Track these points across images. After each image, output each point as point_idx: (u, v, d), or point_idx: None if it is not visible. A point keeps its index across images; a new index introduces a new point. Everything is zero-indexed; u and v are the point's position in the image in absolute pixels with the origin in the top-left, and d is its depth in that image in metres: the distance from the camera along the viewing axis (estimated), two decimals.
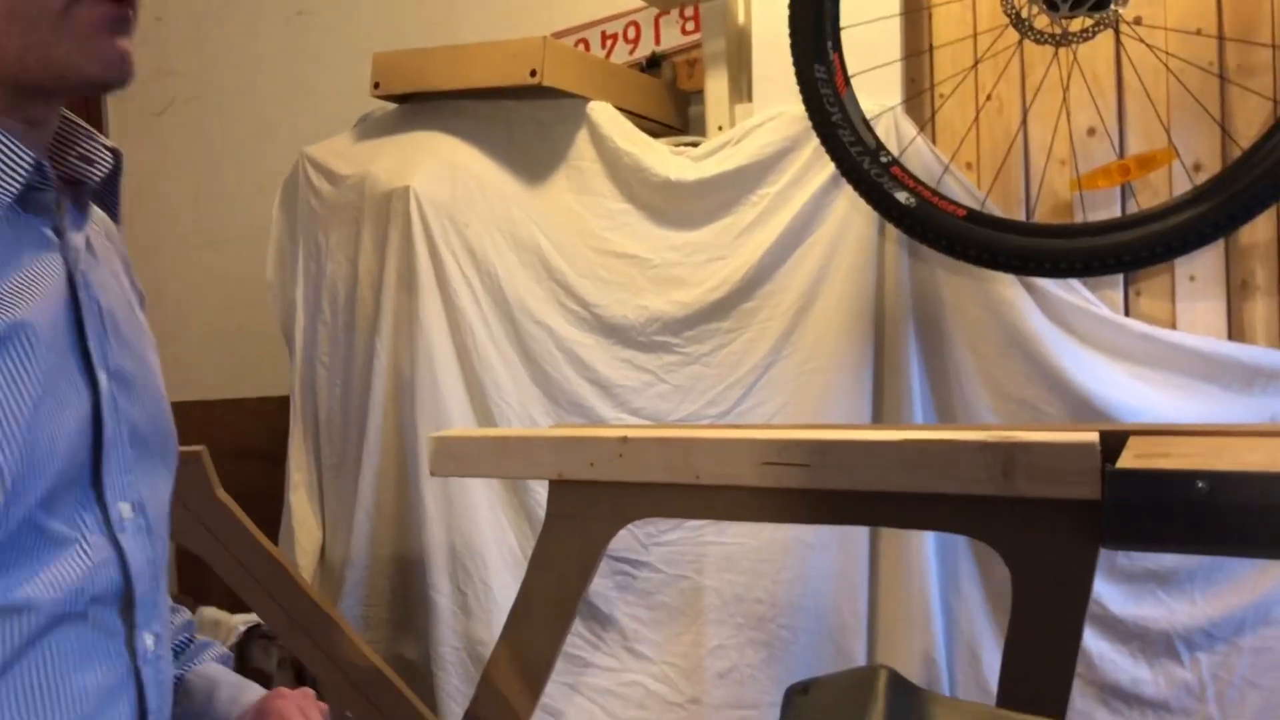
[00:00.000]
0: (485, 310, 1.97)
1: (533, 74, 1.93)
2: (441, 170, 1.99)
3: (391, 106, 2.17)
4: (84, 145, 0.83)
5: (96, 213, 0.88)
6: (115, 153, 0.84)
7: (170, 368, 2.93)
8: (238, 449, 2.67)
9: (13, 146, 0.71)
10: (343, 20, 2.74)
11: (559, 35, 2.43)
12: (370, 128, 2.17)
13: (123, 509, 0.77)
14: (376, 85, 2.09)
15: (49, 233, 0.76)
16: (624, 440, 1.13)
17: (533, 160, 2.04)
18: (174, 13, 3.02)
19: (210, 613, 2.13)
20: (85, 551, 0.74)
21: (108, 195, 0.86)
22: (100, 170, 0.82)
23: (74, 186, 0.81)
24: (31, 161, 0.72)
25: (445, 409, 1.94)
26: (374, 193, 2.02)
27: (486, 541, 1.92)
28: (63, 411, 0.72)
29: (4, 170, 0.71)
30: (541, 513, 1.31)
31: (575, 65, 2.03)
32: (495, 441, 1.25)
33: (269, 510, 2.12)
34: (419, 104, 2.12)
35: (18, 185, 0.72)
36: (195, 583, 2.59)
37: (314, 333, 2.16)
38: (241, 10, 2.91)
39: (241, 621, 2.07)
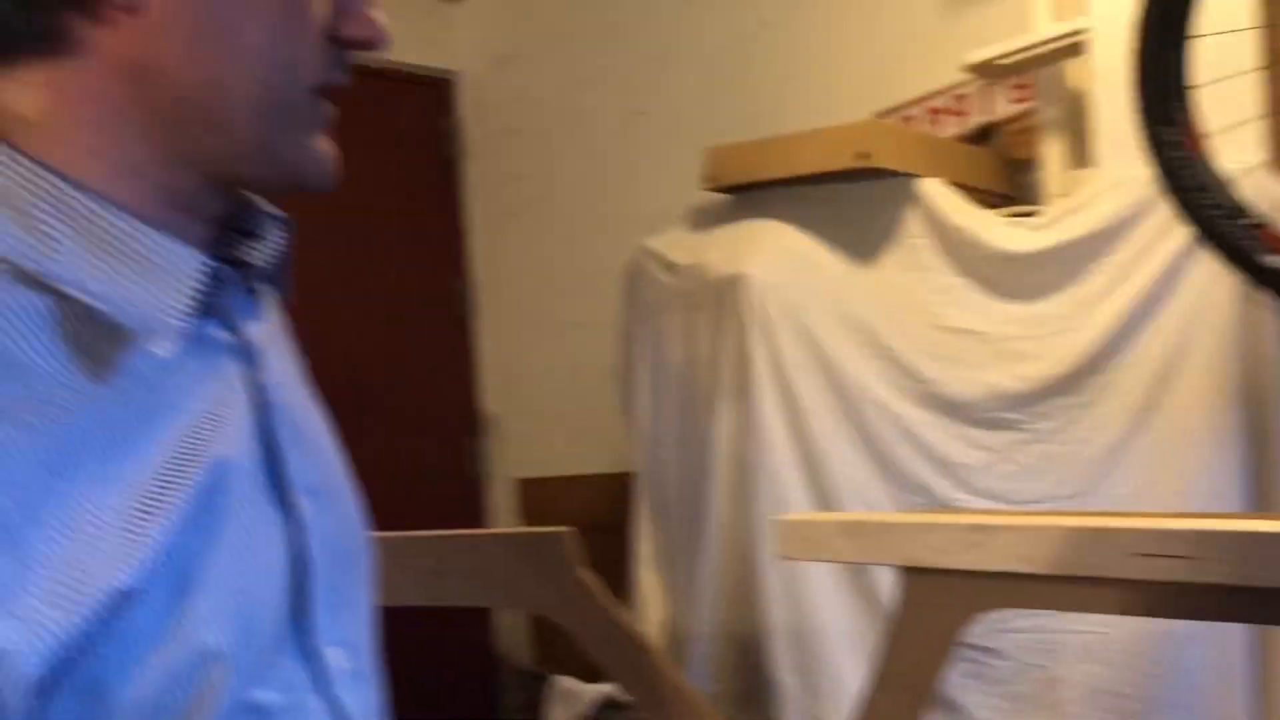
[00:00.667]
0: (820, 390, 2.00)
1: (862, 156, 1.95)
2: (774, 256, 2.05)
3: (724, 197, 2.26)
4: (250, 221, 0.66)
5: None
6: (286, 222, 0.66)
7: (524, 446, 3.15)
8: (584, 522, 2.82)
9: (183, 254, 0.57)
10: (675, 117, 2.90)
11: (885, 114, 2.45)
12: (705, 218, 2.27)
13: (335, 656, 0.63)
14: (710, 178, 2.20)
15: (224, 334, 0.61)
16: (977, 528, 1.11)
17: (864, 240, 2.06)
18: (524, 124, 3.31)
19: (566, 683, 2.26)
20: (302, 717, 0.60)
21: (278, 272, 0.68)
22: (271, 247, 0.65)
23: (240, 268, 0.65)
24: (206, 270, 0.57)
25: (783, 489, 1.97)
26: (710, 281, 2.11)
27: (828, 622, 1.92)
28: (264, 558, 0.59)
29: (177, 286, 0.56)
30: (884, 594, 1.31)
31: (903, 144, 2.04)
32: (845, 526, 1.27)
33: (614, 581, 2.23)
34: (750, 193, 2.20)
35: (190, 300, 0.57)
36: (550, 654, 2.76)
37: (655, 414, 2.27)
38: (583, 116, 3.14)
39: (596, 692, 2.18)
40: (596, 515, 2.91)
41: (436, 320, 3.43)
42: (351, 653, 0.64)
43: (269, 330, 0.69)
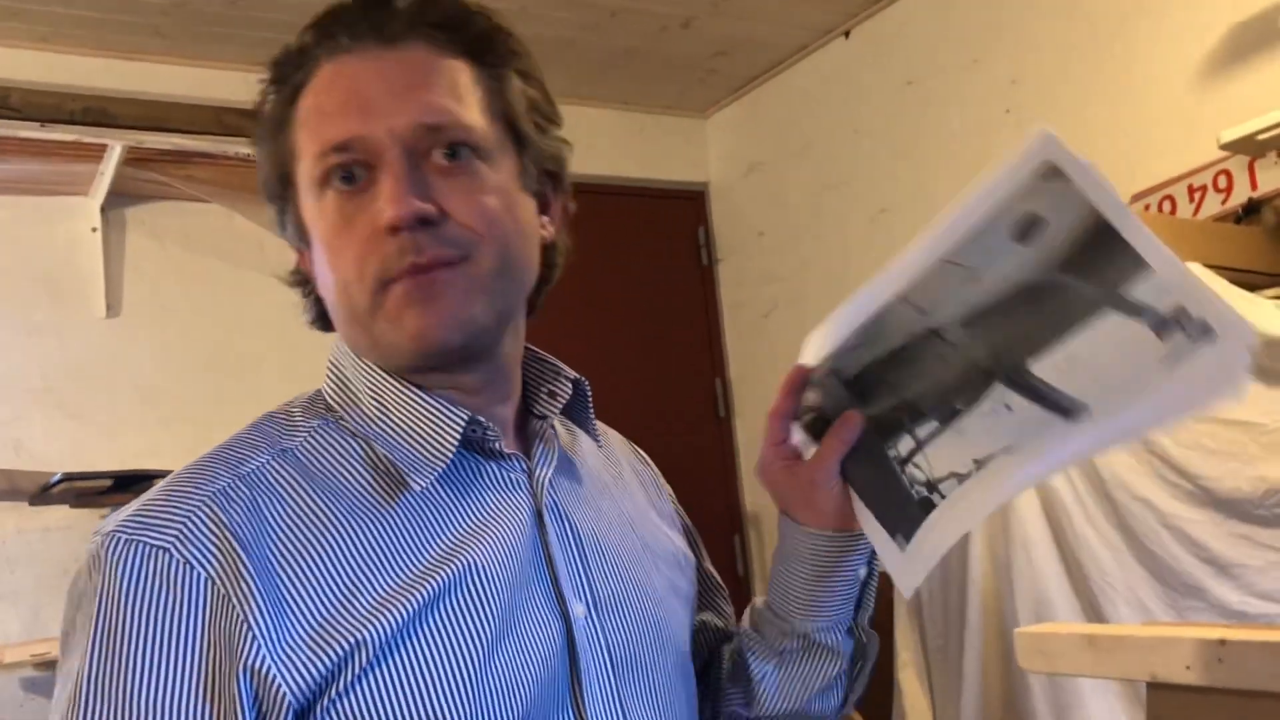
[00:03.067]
0: (1079, 488, 1.92)
1: None
2: None
3: None
4: (550, 383, 0.85)
5: (618, 441, 0.95)
6: (576, 383, 0.85)
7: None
8: None
9: (444, 408, 0.75)
10: (921, 212, 2.89)
11: (1140, 195, 2.36)
12: None
13: None
14: None
15: (513, 475, 0.78)
16: (1222, 643, 1.06)
17: None
18: (774, 227, 3.41)
19: None
20: None
21: (584, 421, 0.88)
22: (559, 403, 0.84)
23: (545, 421, 0.84)
24: (462, 419, 0.74)
25: (1044, 593, 1.90)
26: None
27: None
28: (526, 649, 0.71)
29: (440, 433, 0.74)
30: None
31: (1156, 230, 1.96)
32: (1082, 639, 1.22)
33: (877, 683, 2.20)
34: None
35: (452, 443, 0.74)
36: None
37: None
38: (831, 215, 3.20)
39: None
40: None
41: (698, 420, 3.54)
42: None
43: (607, 473, 0.89)
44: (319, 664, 0.65)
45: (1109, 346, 0.66)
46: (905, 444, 0.78)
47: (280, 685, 0.63)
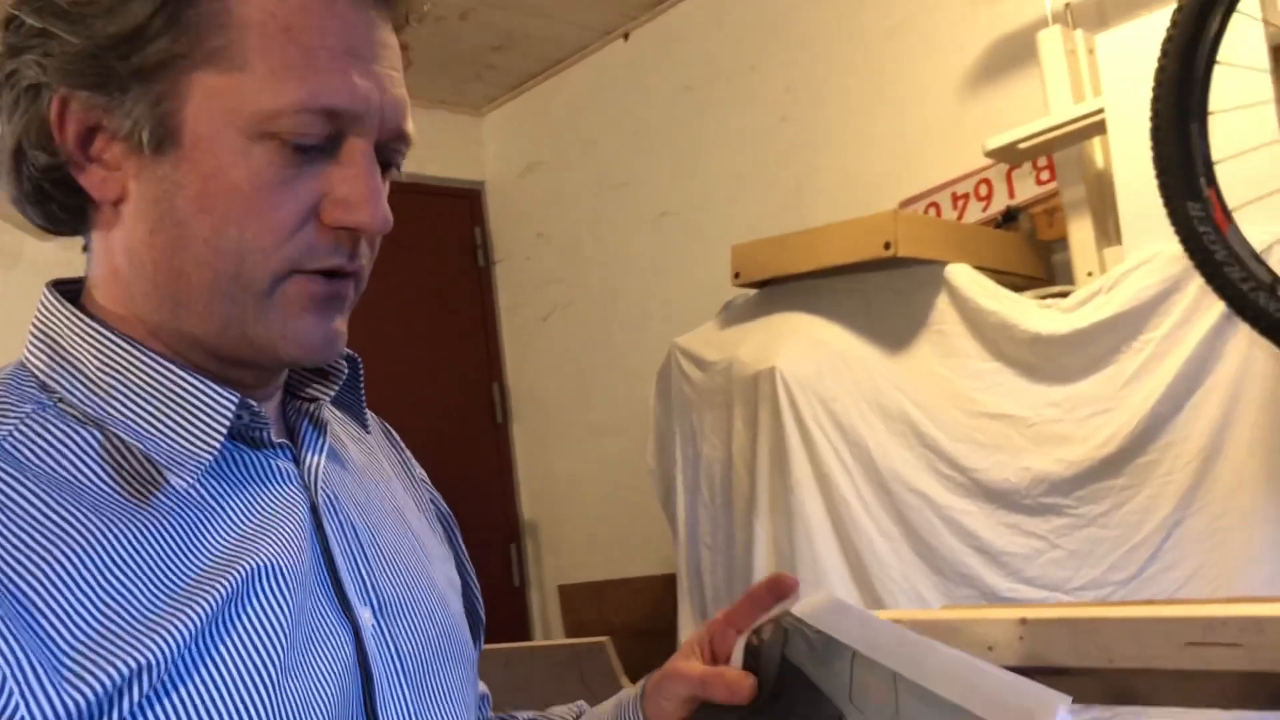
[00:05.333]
0: (858, 483, 1.97)
1: (887, 246, 1.95)
2: (804, 349, 2.04)
3: (752, 292, 2.27)
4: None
5: (371, 417, 0.83)
6: (351, 360, 0.75)
7: (563, 551, 3.12)
8: (628, 627, 2.78)
9: (209, 391, 0.63)
10: (700, 216, 2.93)
11: (908, 202, 2.46)
12: (734, 314, 2.27)
13: None
14: (737, 275, 2.20)
15: (284, 464, 0.68)
16: (1023, 622, 1.07)
17: (893, 329, 2.05)
18: (552, 229, 3.36)
19: None
20: None
21: (353, 404, 0.78)
22: (334, 384, 0.75)
23: (314, 403, 0.74)
24: (231, 403, 0.64)
25: (827, 582, 1.93)
26: (742, 375, 2.10)
27: None
28: (318, 666, 0.62)
29: (205, 418, 0.62)
30: None
31: (928, 232, 2.04)
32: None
33: None
34: (777, 287, 2.20)
35: (220, 431, 0.63)
36: None
37: (694, 513, 2.24)
38: (611, 219, 3.19)
39: None
40: (640, 620, 2.87)
41: (475, 425, 3.44)
42: None
43: (367, 456, 0.79)
44: (79, 696, 0.52)
45: None
46: None
47: None
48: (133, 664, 0.54)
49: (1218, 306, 1.66)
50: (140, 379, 0.63)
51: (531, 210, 3.45)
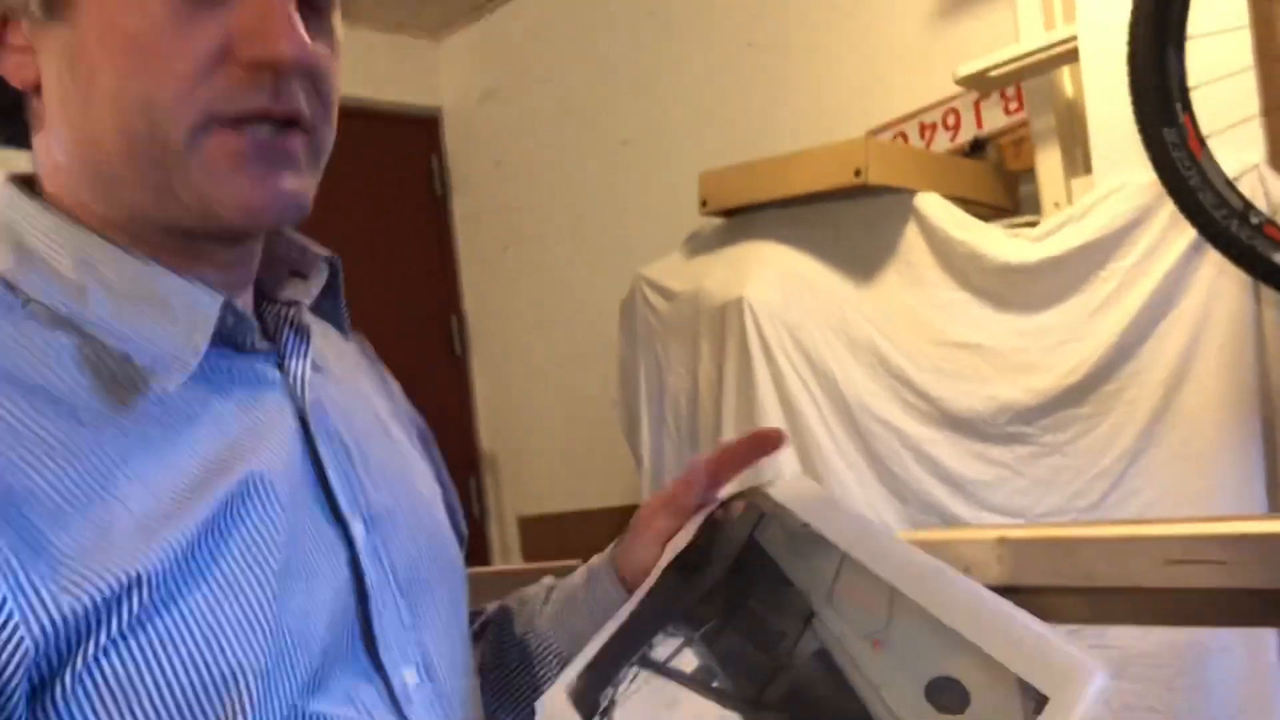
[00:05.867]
0: (825, 413, 1.96)
1: (857, 174, 1.93)
2: (772, 278, 2.03)
3: (718, 222, 2.24)
4: (295, 261, 0.72)
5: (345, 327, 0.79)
6: (330, 261, 0.72)
7: (524, 483, 3.11)
8: (590, 558, 2.78)
9: (195, 292, 0.59)
10: (664, 145, 2.89)
11: (875, 131, 2.43)
12: (700, 244, 2.25)
13: (406, 677, 0.63)
14: (704, 203, 2.17)
15: (268, 370, 0.65)
16: (1002, 541, 1.07)
17: (862, 259, 2.03)
18: (511, 158, 3.30)
19: None
20: None
21: (332, 310, 0.74)
22: (314, 286, 0.71)
23: (293, 307, 0.70)
24: (218, 304, 0.60)
25: None
26: (708, 306, 2.08)
27: None
28: (315, 578, 0.59)
29: (190, 320, 0.59)
30: None
31: (898, 159, 2.02)
32: None
33: None
34: (745, 216, 2.17)
35: (206, 332, 0.59)
36: None
37: (659, 445, 2.23)
38: (570, 147, 3.13)
39: None
40: (601, 551, 2.87)
41: (433, 358, 3.40)
42: (426, 676, 0.65)
43: (346, 365, 0.76)
44: (75, 603, 0.49)
45: None
46: (667, 648, 0.68)
47: (19, 630, 0.48)
48: (127, 575, 0.51)
49: (1186, 236, 1.67)
50: (118, 278, 0.59)
51: (490, 138, 3.38)
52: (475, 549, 3.63)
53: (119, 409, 0.56)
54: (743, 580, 0.68)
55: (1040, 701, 0.49)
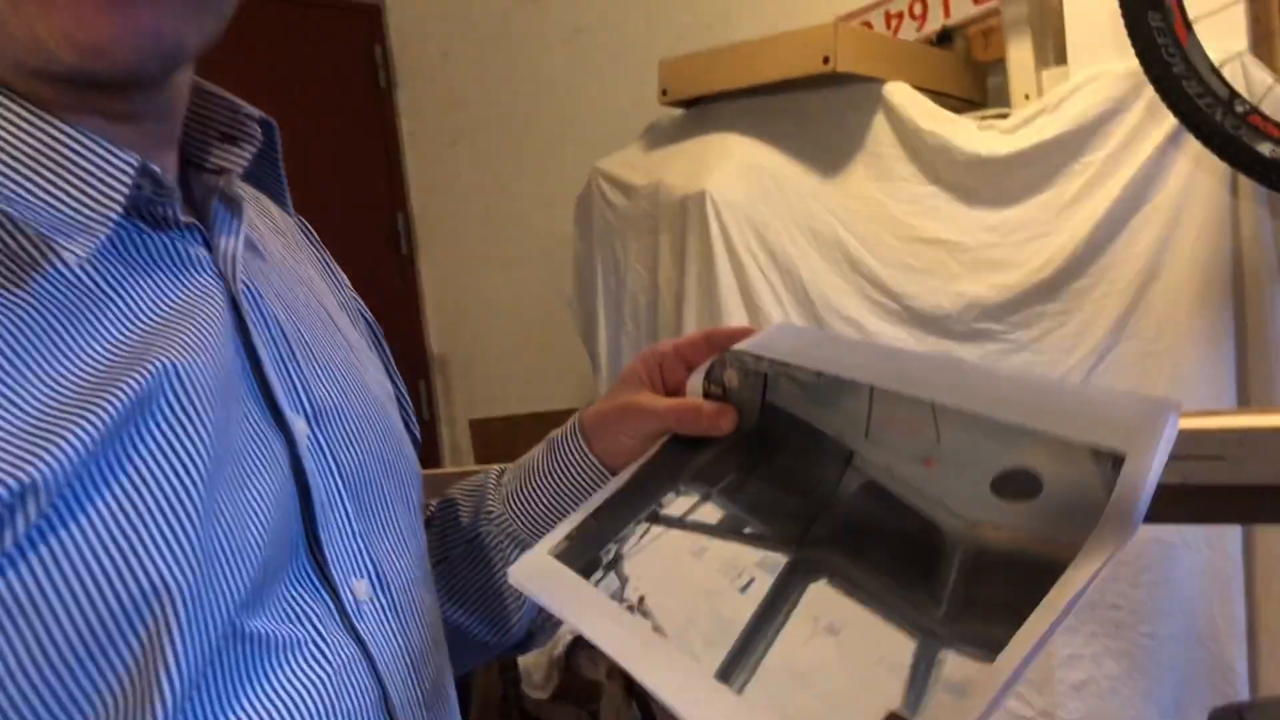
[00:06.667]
0: (789, 310, 1.92)
1: (826, 61, 1.86)
2: (735, 171, 1.96)
3: (679, 112, 2.16)
4: (224, 124, 0.62)
5: (278, 207, 0.70)
6: (265, 124, 0.63)
7: (476, 385, 3.04)
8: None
9: (102, 151, 0.50)
10: (620, 33, 2.77)
11: (841, 19, 2.34)
12: (660, 135, 2.16)
13: (356, 588, 0.57)
14: (664, 92, 2.09)
15: (194, 248, 0.56)
16: None
17: (828, 151, 1.97)
18: (458, 48, 3.16)
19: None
20: (321, 654, 0.53)
21: (268, 180, 0.66)
22: (246, 151, 0.62)
23: (222, 176, 0.62)
24: (130, 166, 0.51)
25: None
26: (669, 200, 2.01)
27: None
28: (250, 483, 0.52)
29: (98, 183, 0.50)
30: None
31: (868, 47, 1.94)
32: None
33: None
34: (707, 106, 2.09)
35: (119, 198, 0.50)
36: None
37: (617, 345, 2.17)
38: (521, 36, 3.00)
39: (568, 630, 2.11)
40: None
41: (378, 256, 3.30)
42: (379, 588, 0.58)
43: (285, 244, 0.67)
44: None
45: None
46: (680, 505, 0.62)
47: None
48: (18, 481, 0.43)
49: (1163, 128, 1.62)
50: (19, 134, 0.50)
51: (436, 28, 3.22)
52: (426, 454, 3.56)
53: (13, 290, 0.47)
54: (764, 443, 0.63)
55: (1117, 459, 0.47)
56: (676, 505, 0.62)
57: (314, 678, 0.52)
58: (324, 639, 0.53)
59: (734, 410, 0.65)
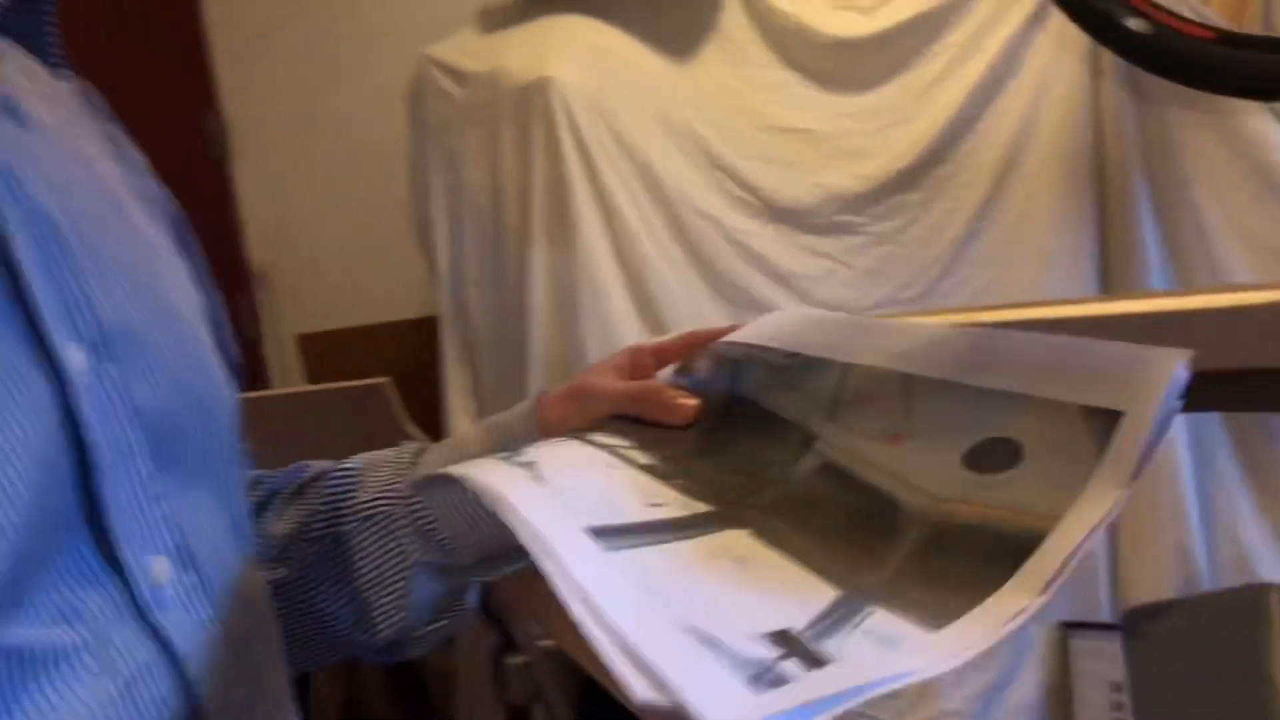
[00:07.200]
0: (644, 207, 1.81)
1: None
2: (581, 56, 1.82)
3: None
4: None
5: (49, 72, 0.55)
6: None
7: (304, 298, 2.84)
8: (382, 374, 2.59)
9: None
10: None
11: None
12: (497, 19, 1.99)
13: (155, 569, 0.44)
14: None
15: None
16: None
17: (680, 35, 1.85)
18: None
19: None
20: (103, 663, 0.41)
21: (31, 34, 0.53)
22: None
23: None
24: None
25: (611, 318, 1.79)
26: (510, 89, 1.85)
27: None
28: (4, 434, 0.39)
29: None
30: None
31: None
32: None
33: (429, 436, 2.03)
34: None
35: None
36: None
37: (458, 248, 2.03)
38: None
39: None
40: (395, 367, 2.67)
41: (185, 164, 3.01)
42: (184, 565, 0.45)
43: (61, 117, 0.52)
44: None
45: None
46: (606, 439, 0.56)
47: None
48: None
49: (1024, 6, 1.57)
50: None
51: None
52: (252, 376, 3.35)
53: None
54: (721, 433, 0.57)
55: (1109, 418, 0.41)
56: (601, 438, 0.55)
57: (94, 695, 0.39)
58: (109, 642, 0.41)
59: (698, 401, 0.58)
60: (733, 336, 0.61)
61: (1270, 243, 1.45)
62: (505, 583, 0.64)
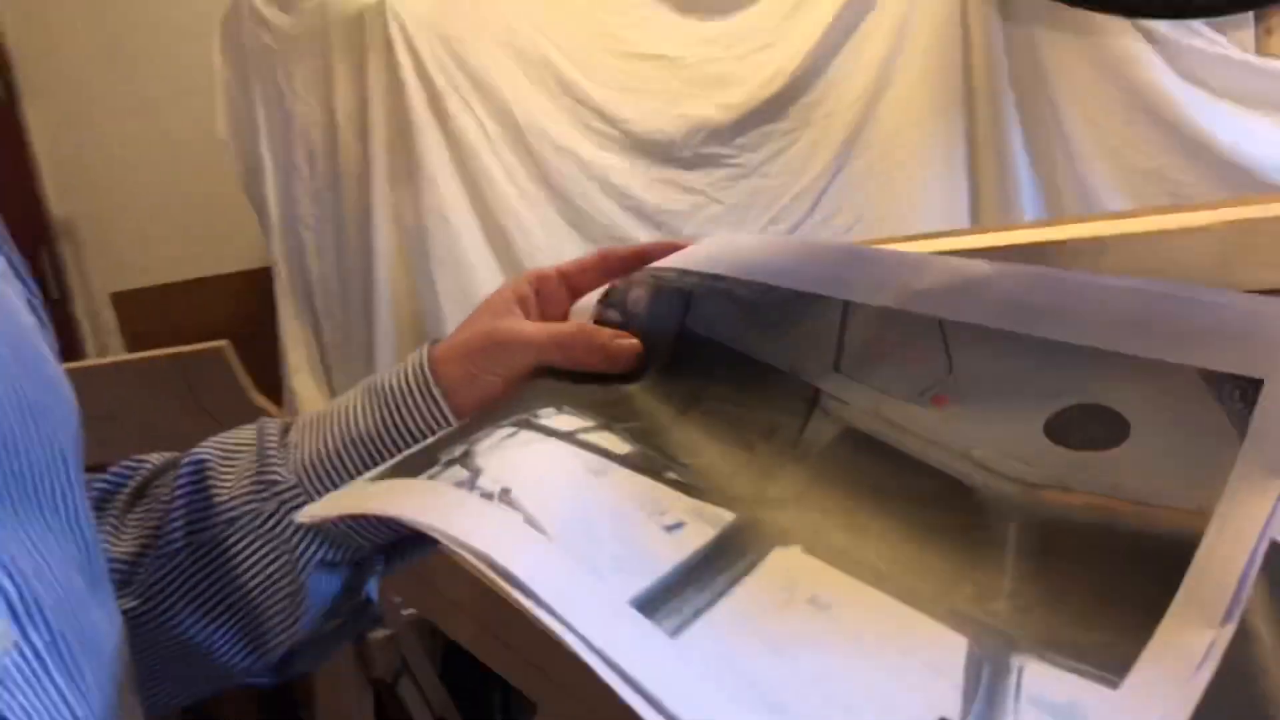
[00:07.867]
0: (495, 142, 1.68)
1: None
2: None
3: None
4: None
5: None
6: None
7: (116, 252, 2.59)
8: (210, 334, 2.39)
9: None
10: None
11: None
12: None
13: None
14: None
15: None
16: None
17: None
18: None
19: None
20: None
21: None
22: None
23: None
24: None
25: (465, 260, 1.67)
26: (341, 15, 1.69)
27: None
28: None
29: None
30: None
31: None
32: None
33: (268, 398, 1.87)
34: None
35: None
36: None
37: (289, 192, 1.86)
38: None
39: None
40: (224, 325, 2.46)
41: None
42: (31, 616, 0.33)
43: None
44: None
45: None
46: (567, 423, 0.43)
47: None
48: None
49: None
50: None
51: None
52: (63, 343, 3.07)
53: None
54: (682, 382, 0.46)
55: (1246, 388, 0.33)
56: (561, 421, 0.43)
57: None
58: None
59: (636, 340, 0.47)
60: (672, 260, 0.50)
61: (1137, 163, 1.44)
62: None
